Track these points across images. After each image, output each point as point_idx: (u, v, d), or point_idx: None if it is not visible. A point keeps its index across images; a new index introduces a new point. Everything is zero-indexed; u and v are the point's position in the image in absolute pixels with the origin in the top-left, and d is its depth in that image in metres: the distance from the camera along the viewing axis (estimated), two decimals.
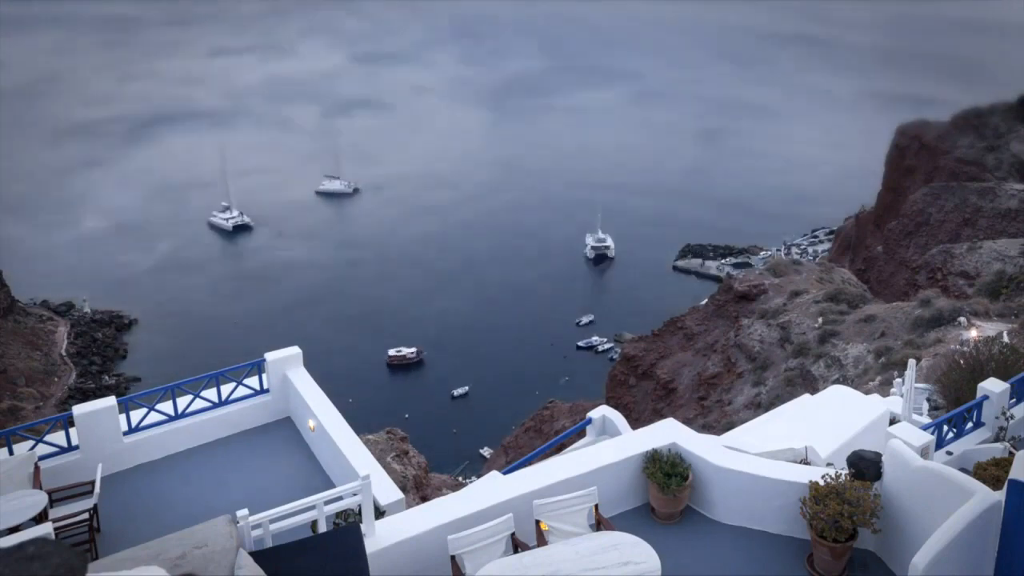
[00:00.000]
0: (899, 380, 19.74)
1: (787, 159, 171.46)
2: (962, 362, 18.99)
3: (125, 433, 12.66)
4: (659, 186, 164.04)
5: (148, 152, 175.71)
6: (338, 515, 9.25)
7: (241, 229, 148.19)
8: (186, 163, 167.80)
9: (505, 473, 11.90)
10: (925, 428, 14.32)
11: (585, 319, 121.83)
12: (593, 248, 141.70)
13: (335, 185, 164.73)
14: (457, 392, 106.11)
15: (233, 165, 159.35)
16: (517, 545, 9.22)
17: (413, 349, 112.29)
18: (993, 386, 15.06)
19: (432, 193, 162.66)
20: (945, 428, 14.49)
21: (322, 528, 9.02)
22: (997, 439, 14.72)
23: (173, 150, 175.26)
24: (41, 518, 10.28)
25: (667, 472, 10.44)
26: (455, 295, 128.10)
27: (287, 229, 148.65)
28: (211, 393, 13.42)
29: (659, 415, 46.39)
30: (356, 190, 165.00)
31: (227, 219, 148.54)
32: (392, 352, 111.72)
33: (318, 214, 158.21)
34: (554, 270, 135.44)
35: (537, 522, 9.38)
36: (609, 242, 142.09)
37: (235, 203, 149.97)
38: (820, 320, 46.04)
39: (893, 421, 15.40)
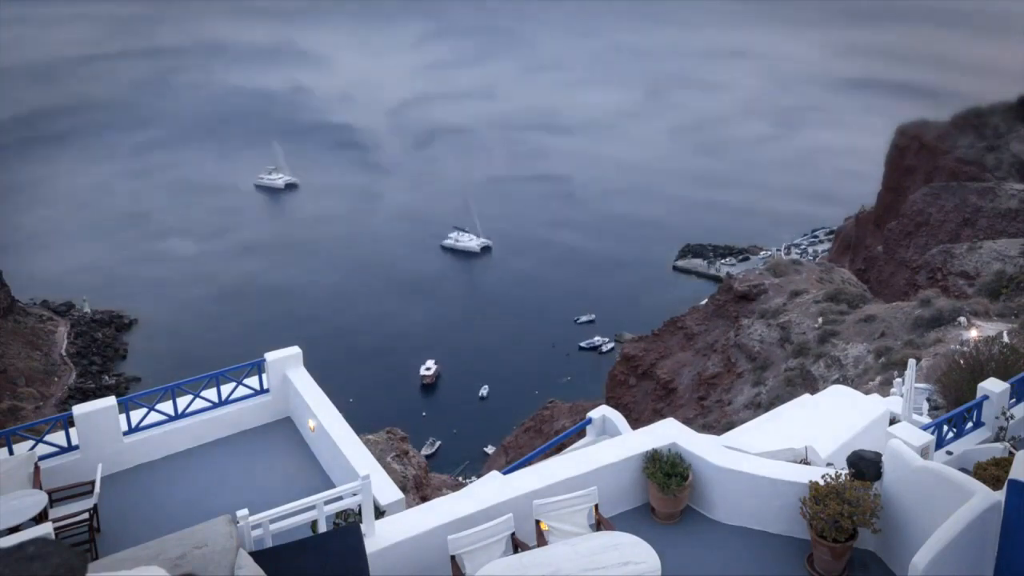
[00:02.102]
0: (899, 380, 19.72)
1: (788, 158, 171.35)
2: (962, 362, 18.98)
3: (125, 433, 12.63)
4: (659, 185, 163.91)
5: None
6: (338, 515, 9.24)
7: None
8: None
9: (505, 473, 11.89)
10: (925, 428, 14.32)
11: (584, 318, 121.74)
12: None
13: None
14: (483, 392, 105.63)
15: None
16: (517, 545, 9.21)
17: (432, 362, 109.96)
18: (993, 386, 15.04)
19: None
20: (945, 428, 14.48)
21: (322, 528, 9.01)
22: (997, 439, 14.71)
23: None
24: (41, 518, 10.26)
25: (667, 472, 10.43)
26: (452, 297, 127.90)
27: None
28: (211, 393, 13.40)
29: (659, 415, 46.36)
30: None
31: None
32: (424, 371, 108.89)
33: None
34: (555, 270, 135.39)
35: (537, 522, 9.36)
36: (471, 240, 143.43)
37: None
38: (820, 320, 46.00)
39: (893, 421, 15.37)
